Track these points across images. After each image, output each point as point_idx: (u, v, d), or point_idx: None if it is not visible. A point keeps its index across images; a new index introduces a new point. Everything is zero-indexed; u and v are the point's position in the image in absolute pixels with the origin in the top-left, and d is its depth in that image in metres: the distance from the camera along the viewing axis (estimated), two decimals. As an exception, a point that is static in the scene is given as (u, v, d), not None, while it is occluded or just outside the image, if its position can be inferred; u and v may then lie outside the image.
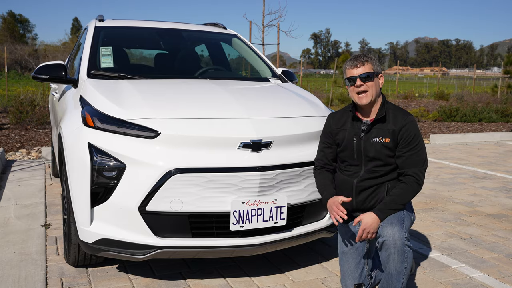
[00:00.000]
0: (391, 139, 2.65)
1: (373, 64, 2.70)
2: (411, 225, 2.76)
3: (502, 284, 3.16)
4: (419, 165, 2.65)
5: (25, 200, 4.79)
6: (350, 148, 2.74)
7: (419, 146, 2.66)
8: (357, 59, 2.70)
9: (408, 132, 2.65)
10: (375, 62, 2.72)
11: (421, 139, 2.68)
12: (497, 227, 4.35)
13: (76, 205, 2.89)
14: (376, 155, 2.67)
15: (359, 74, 2.67)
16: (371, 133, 2.69)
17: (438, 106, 14.88)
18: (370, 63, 2.68)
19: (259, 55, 4.69)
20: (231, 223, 2.81)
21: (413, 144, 2.64)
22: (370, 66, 2.68)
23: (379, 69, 2.73)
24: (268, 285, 3.06)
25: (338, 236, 2.92)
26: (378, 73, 2.71)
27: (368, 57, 2.72)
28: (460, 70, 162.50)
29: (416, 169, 2.64)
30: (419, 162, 2.65)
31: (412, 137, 2.64)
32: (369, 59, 2.70)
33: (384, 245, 2.51)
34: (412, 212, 2.75)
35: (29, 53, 46.65)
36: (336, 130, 2.82)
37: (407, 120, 2.66)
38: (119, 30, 4.49)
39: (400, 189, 2.64)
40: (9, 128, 9.55)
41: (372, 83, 2.67)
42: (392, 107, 2.75)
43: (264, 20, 12.90)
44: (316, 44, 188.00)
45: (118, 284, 3.02)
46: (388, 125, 2.68)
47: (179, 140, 2.81)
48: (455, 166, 7.25)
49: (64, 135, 3.15)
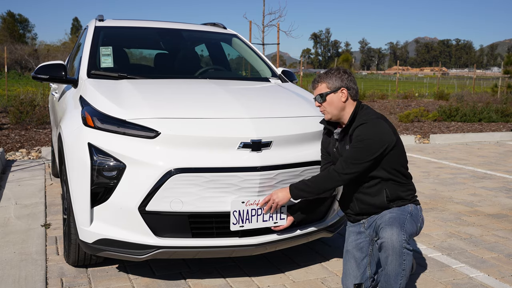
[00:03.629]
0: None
1: (328, 82, 2.72)
2: (417, 234, 2.75)
3: (502, 284, 3.16)
4: (347, 158, 2.63)
5: (25, 200, 4.79)
6: (335, 157, 2.82)
7: (359, 146, 2.60)
8: (314, 81, 2.79)
9: (355, 133, 2.65)
10: (333, 78, 2.72)
11: (368, 142, 2.59)
12: (497, 227, 4.35)
13: (76, 205, 2.89)
14: None
15: (314, 96, 2.78)
16: (344, 141, 2.75)
17: (438, 106, 14.88)
18: (324, 82, 2.74)
19: (259, 55, 4.69)
20: (231, 223, 2.81)
21: (354, 142, 2.63)
22: (324, 86, 2.73)
23: (338, 84, 2.71)
24: (268, 285, 3.06)
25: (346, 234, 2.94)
26: (336, 89, 2.71)
27: (322, 76, 2.76)
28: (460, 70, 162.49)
29: (342, 160, 2.65)
30: (349, 156, 2.62)
31: (356, 136, 2.63)
32: (322, 79, 2.75)
33: (382, 247, 2.52)
34: (419, 221, 2.71)
35: (29, 53, 46.62)
36: (325, 144, 2.94)
37: (362, 122, 2.64)
38: (119, 30, 4.49)
39: (318, 175, 2.76)
40: (9, 128, 9.55)
41: (326, 103, 2.73)
42: (364, 112, 2.72)
43: (264, 20, 12.91)
44: (316, 44, 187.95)
45: (118, 284, 3.02)
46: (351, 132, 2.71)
47: (179, 140, 2.81)
48: (455, 166, 7.25)
49: (64, 135, 3.15)
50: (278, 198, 2.79)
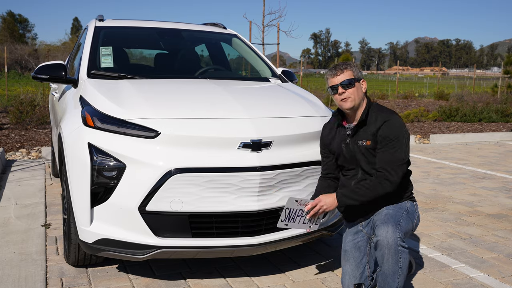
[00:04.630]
0: (372, 141, 2.69)
1: (353, 71, 2.75)
2: (414, 230, 2.76)
3: (502, 284, 3.16)
4: (392, 162, 2.62)
5: (25, 200, 4.79)
6: (341, 154, 2.81)
7: (396, 145, 2.63)
8: (336, 67, 2.77)
9: (384, 132, 2.65)
10: (355, 68, 2.77)
11: (401, 139, 2.65)
12: (497, 227, 4.35)
13: (76, 205, 2.89)
14: (363, 157, 2.72)
15: (339, 82, 2.73)
16: (357, 137, 2.74)
17: (438, 106, 14.87)
18: (349, 70, 2.74)
19: (259, 55, 4.69)
20: (279, 220, 2.76)
21: (388, 141, 2.64)
22: (350, 73, 2.74)
23: (360, 75, 2.78)
24: (268, 285, 3.06)
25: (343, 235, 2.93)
26: (359, 79, 2.76)
27: (347, 64, 2.78)
28: (460, 70, 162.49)
29: (388, 166, 2.63)
30: (393, 160, 2.63)
31: (389, 135, 2.64)
32: (348, 66, 2.76)
33: (378, 245, 2.54)
34: (415, 218, 2.74)
35: (29, 53, 46.65)
36: (328, 140, 2.91)
37: (386, 119, 2.67)
38: (119, 30, 4.49)
39: (368, 184, 2.66)
40: (9, 128, 9.55)
41: (353, 89, 2.72)
42: (376, 109, 2.76)
43: (264, 20, 12.92)
44: (316, 44, 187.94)
45: (118, 284, 3.02)
46: (369, 128, 2.71)
47: (179, 140, 2.81)
48: (455, 166, 7.25)
49: (64, 135, 3.15)
50: (326, 204, 2.73)
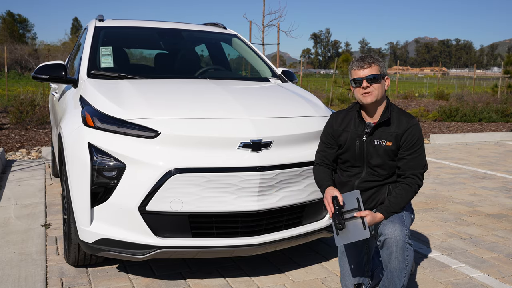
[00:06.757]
0: (394, 143, 2.64)
1: (380, 66, 2.66)
2: (411, 224, 2.77)
3: (502, 284, 3.16)
4: (419, 167, 2.65)
5: (25, 200, 4.79)
6: (352, 150, 2.72)
7: (421, 150, 2.67)
8: (364, 60, 2.65)
9: (412, 136, 2.64)
10: (382, 64, 2.68)
11: (423, 143, 2.69)
12: (497, 227, 4.35)
13: (76, 205, 2.89)
14: (378, 157, 2.66)
15: (365, 76, 2.62)
16: (374, 136, 2.67)
17: (438, 106, 14.88)
18: (377, 64, 2.65)
19: (259, 55, 4.69)
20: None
21: (416, 147, 2.64)
22: (377, 68, 2.64)
23: (385, 71, 2.70)
24: (268, 285, 3.06)
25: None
26: (384, 75, 2.68)
27: (375, 58, 2.68)
28: (460, 70, 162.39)
29: (417, 172, 2.65)
30: (420, 165, 2.66)
31: (415, 140, 2.64)
32: (376, 61, 2.66)
33: (386, 243, 2.51)
34: (412, 212, 2.75)
35: (29, 53, 46.65)
36: (339, 131, 2.77)
37: (411, 124, 2.65)
38: (119, 30, 4.49)
39: (404, 191, 2.63)
40: (9, 128, 9.55)
41: (378, 85, 2.63)
42: (396, 109, 2.72)
43: (264, 20, 12.92)
44: (316, 44, 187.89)
45: (118, 284, 3.02)
46: (391, 129, 2.65)
47: (179, 140, 2.81)
48: (455, 166, 7.25)
49: (64, 135, 3.15)
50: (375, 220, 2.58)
